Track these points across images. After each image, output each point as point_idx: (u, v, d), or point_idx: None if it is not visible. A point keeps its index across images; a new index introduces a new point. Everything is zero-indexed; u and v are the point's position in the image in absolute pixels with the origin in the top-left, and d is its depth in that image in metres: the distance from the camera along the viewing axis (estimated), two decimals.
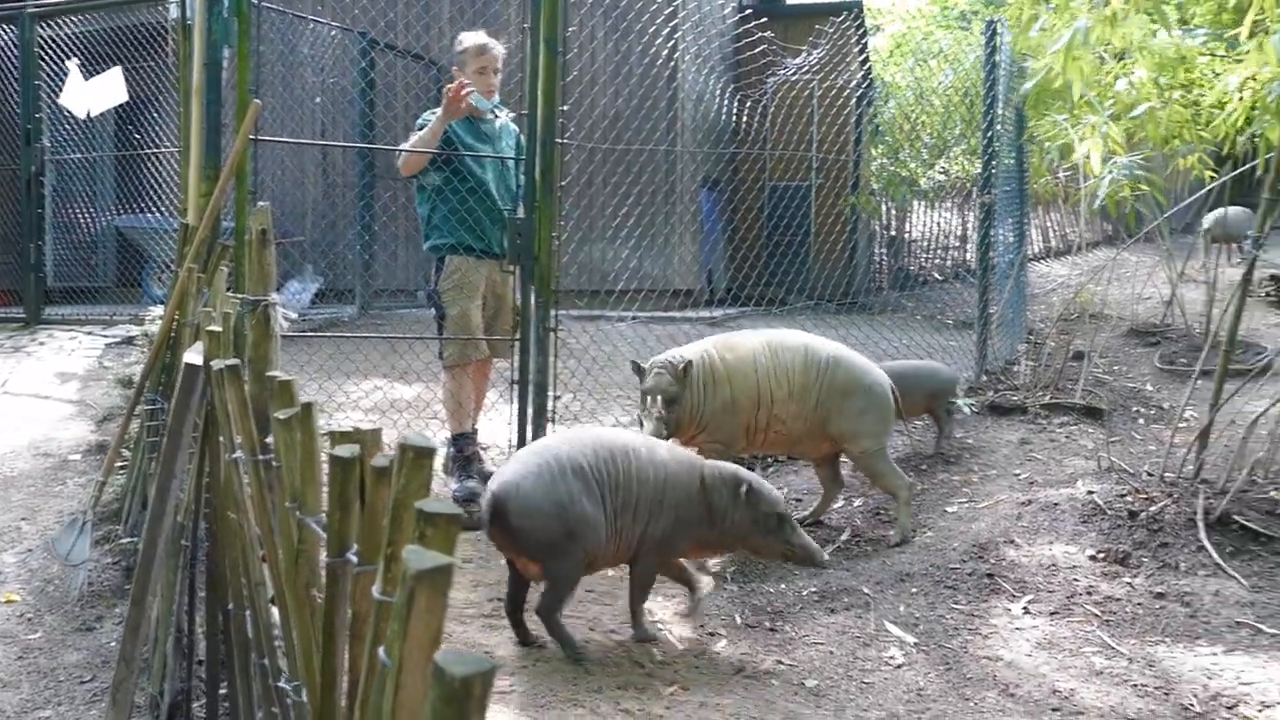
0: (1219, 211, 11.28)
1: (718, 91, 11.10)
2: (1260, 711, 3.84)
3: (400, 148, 5.58)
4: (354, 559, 1.49)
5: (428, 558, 0.96)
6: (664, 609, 4.54)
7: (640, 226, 10.78)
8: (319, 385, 6.93)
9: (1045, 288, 11.87)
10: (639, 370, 5.23)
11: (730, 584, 4.92)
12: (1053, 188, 12.17)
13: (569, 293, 8.73)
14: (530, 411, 5.31)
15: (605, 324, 8.91)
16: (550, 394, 5.40)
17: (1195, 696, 3.96)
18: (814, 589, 4.74)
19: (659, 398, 5.01)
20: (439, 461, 5.56)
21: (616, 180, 10.42)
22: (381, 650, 1.05)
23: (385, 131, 11.23)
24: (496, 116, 5.68)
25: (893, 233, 14.46)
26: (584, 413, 6.88)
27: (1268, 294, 11.27)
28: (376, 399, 7.08)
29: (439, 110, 5.30)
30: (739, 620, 4.51)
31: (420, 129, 5.43)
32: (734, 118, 10.93)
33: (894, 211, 14.40)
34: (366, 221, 10.87)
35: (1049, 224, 14.82)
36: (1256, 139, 5.92)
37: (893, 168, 13.04)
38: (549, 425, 5.38)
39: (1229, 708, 3.89)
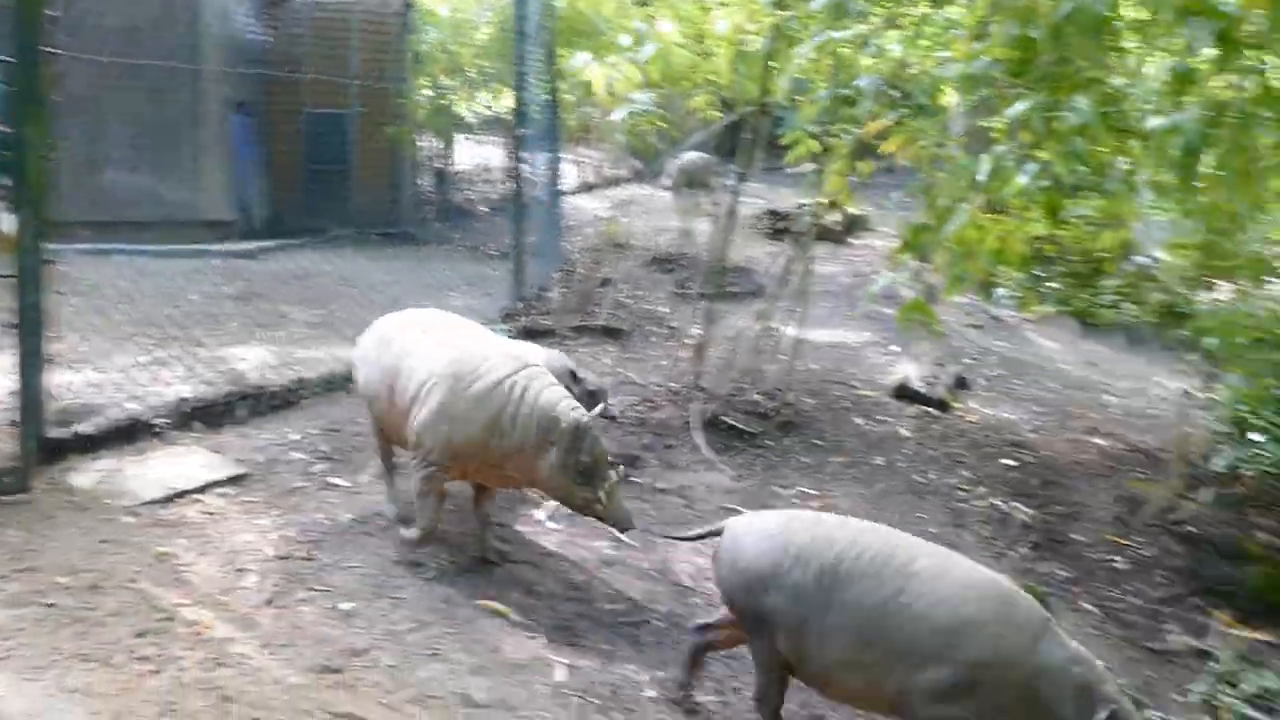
0: (678, 159, 12.34)
1: (244, 9, 10.42)
2: None
3: None
4: None
5: None
6: (188, 552, 4.35)
7: (161, 152, 9.91)
8: None
9: (581, 220, 12.61)
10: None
11: (262, 518, 4.81)
12: (585, 122, 12.91)
13: (74, 224, 7.84)
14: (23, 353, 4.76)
15: (121, 258, 8.16)
16: (47, 334, 4.87)
17: (687, 574, 4.55)
18: (350, 516, 4.78)
19: None
20: None
21: (130, 99, 9.46)
22: None
23: None
24: None
25: (438, 165, 14.56)
26: (95, 354, 6.29)
27: (767, 228, 12.82)
28: None
29: None
30: (271, 552, 4.44)
31: None
32: (263, 38, 10.34)
33: (439, 144, 14.48)
34: None
35: (584, 159, 15.71)
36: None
37: (436, 99, 13.09)
38: (46, 369, 4.87)
39: (710, 579, 4.51)
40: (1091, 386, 8.34)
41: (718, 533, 3.67)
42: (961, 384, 7.39)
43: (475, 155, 15.83)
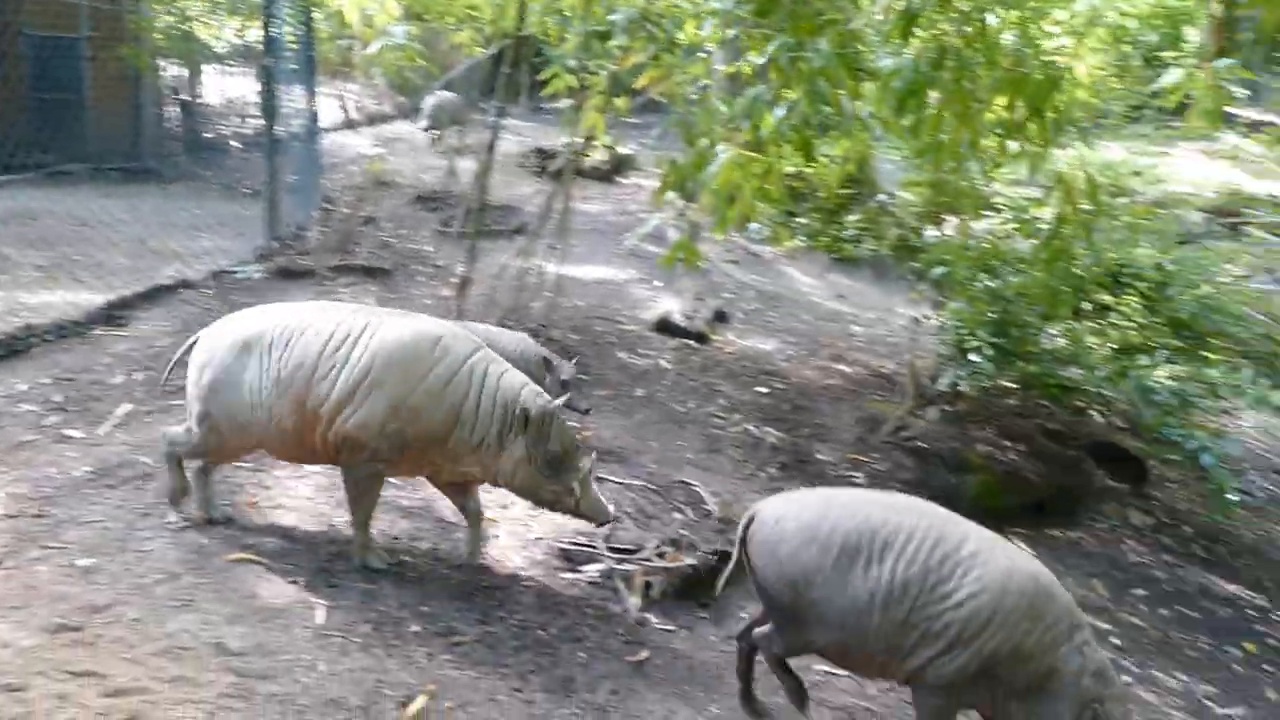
0: (432, 98, 12.17)
1: None
2: (499, 513, 4.57)
3: None
4: None
5: None
6: None
7: None
8: None
9: (343, 158, 12.14)
10: None
11: None
12: (345, 54, 12.38)
13: None
14: None
15: None
16: None
17: (449, 510, 4.56)
18: (88, 468, 4.50)
19: None
20: None
21: None
22: None
23: None
24: None
25: (185, 96, 13.59)
26: None
27: (534, 166, 12.79)
28: None
29: None
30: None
31: None
32: None
33: (185, 73, 13.51)
34: None
35: (345, 95, 15.08)
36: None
37: (177, 24, 12.17)
38: None
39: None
40: (840, 317, 8.88)
41: None
42: (720, 317, 7.71)
43: (226, 88, 14.88)
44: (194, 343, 4.07)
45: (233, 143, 13.83)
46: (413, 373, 3.75)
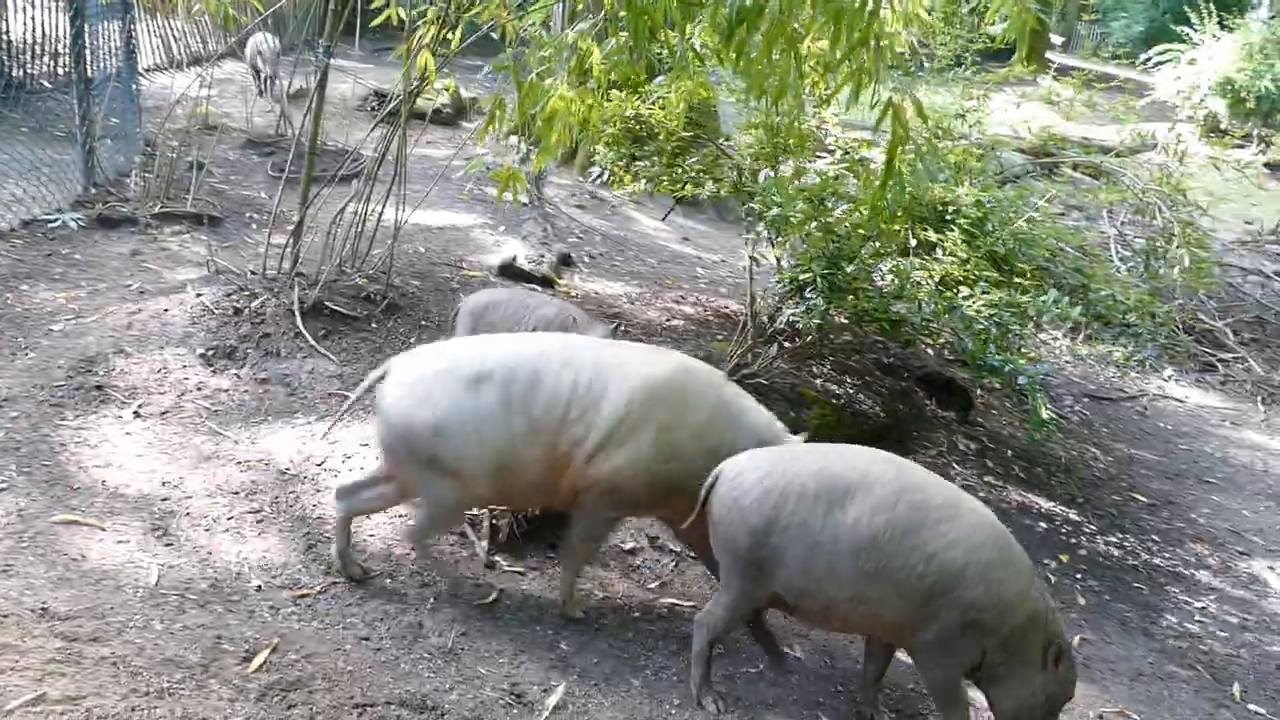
0: (253, 40, 11.65)
1: None
2: (343, 463, 4.50)
3: None
4: None
5: None
6: None
7: None
8: None
9: (167, 98, 11.46)
10: None
11: None
12: None
13: None
14: None
15: None
16: None
17: (291, 462, 4.48)
18: None
19: None
20: None
21: None
22: None
23: None
24: None
25: None
26: None
27: (371, 109, 12.38)
28: None
29: None
30: None
31: None
32: None
33: None
34: None
35: (168, 31, 14.19)
36: None
37: None
38: None
39: (319, 464, 4.48)
40: (685, 260, 9.00)
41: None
42: (566, 261, 7.71)
43: (34, 22, 13.79)
44: (384, 374, 3.61)
45: (43, 83, 12.88)
46: (677, 410, 3.51)
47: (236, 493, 4.21)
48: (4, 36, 12.98)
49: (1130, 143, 12.72)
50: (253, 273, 5.83)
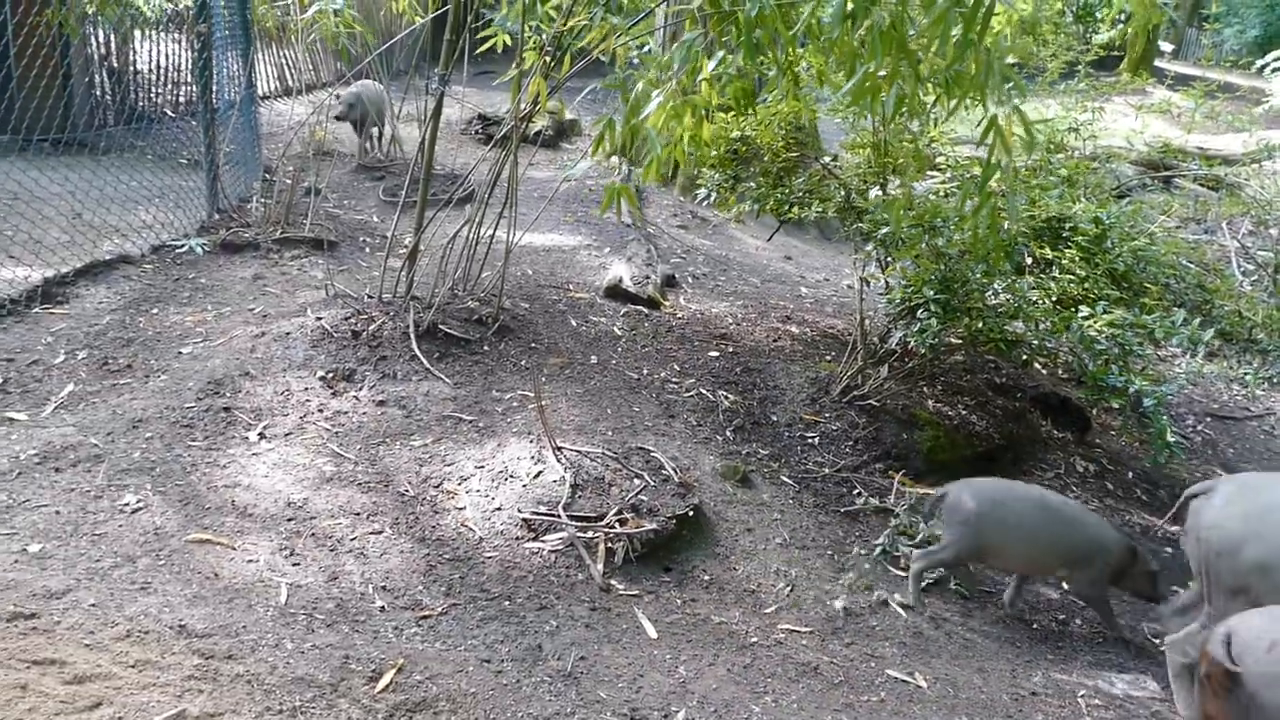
0: (354, 89, 11.27)
1: None
2: (459, 485, 4.58)
3: None
4: None
5: None
6: None
7: None
8: None
9: (283, 125, 11.88)
10: None
11: None
12: (275, 18, 12.08)
13: None
14: None
15: None
16: None
17: (410, 483, 4.57)
18: (34, 451, 4.41)
19: None
20: None
21: None
22: None
23: None
24: None
25: (115, 62, 13.17)
26: None
27: (476, 132, 12.64)
28: None
29: None
30: None
31: None
32: None
33: (114, 38, 13.08)
34: None
35: (284, 60, 14.72)
36: None
37: None
38: None
39: (436, 486, 4.56)
40: (788, 279, 8.94)
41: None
42: (670, 282, 7.72)
43: (158, 54, 14.46)
44: (1209, 491, 3.87)
45: (167, 112, 13.47)
46: None
47: (359, 514, 4.31)
48: (131, 67, 13.61)
49: (1251, 151, 12.24)
50: (370, 296, 5.98)
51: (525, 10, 5.41)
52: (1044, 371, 7.48)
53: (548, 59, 5.25)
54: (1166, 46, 23.31)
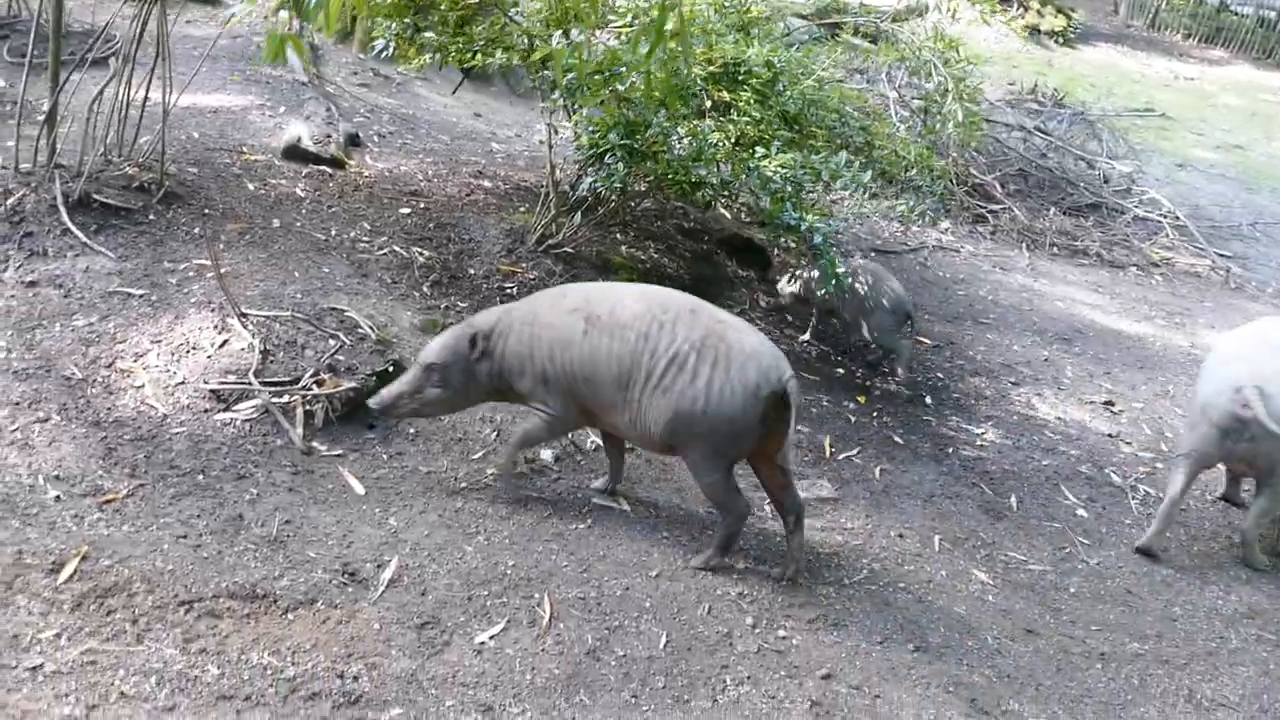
0: None
1: None
2: (135, 362, 4.25)
3: None
4: None
5: None
6: None
7: None
8: None
9: None
10: None
11: None
12: None
13: None
14: None
15: None
16: None
17: (76, 366, 4.18)
18: None
19: None
20: None
21: None
22: None
23: None
24: None
25: None
26: None
27: None
28: None
29: None
30: None
31: None
32: None
33: None
34: None
35: None
36: None
37: None
38: None
39: (107, 366, 4.21)
40: (479, 136, 8.77)
41: None
42: (355, 141, 7.37)
43: None
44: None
45: None
46: None
47: (18, 403, 3.91)
48: None
49: (907, 5, 13.21)
50: (3, 167, 5.29)
51: None
52: (728, 215, 7.87)
53: None
54: None
